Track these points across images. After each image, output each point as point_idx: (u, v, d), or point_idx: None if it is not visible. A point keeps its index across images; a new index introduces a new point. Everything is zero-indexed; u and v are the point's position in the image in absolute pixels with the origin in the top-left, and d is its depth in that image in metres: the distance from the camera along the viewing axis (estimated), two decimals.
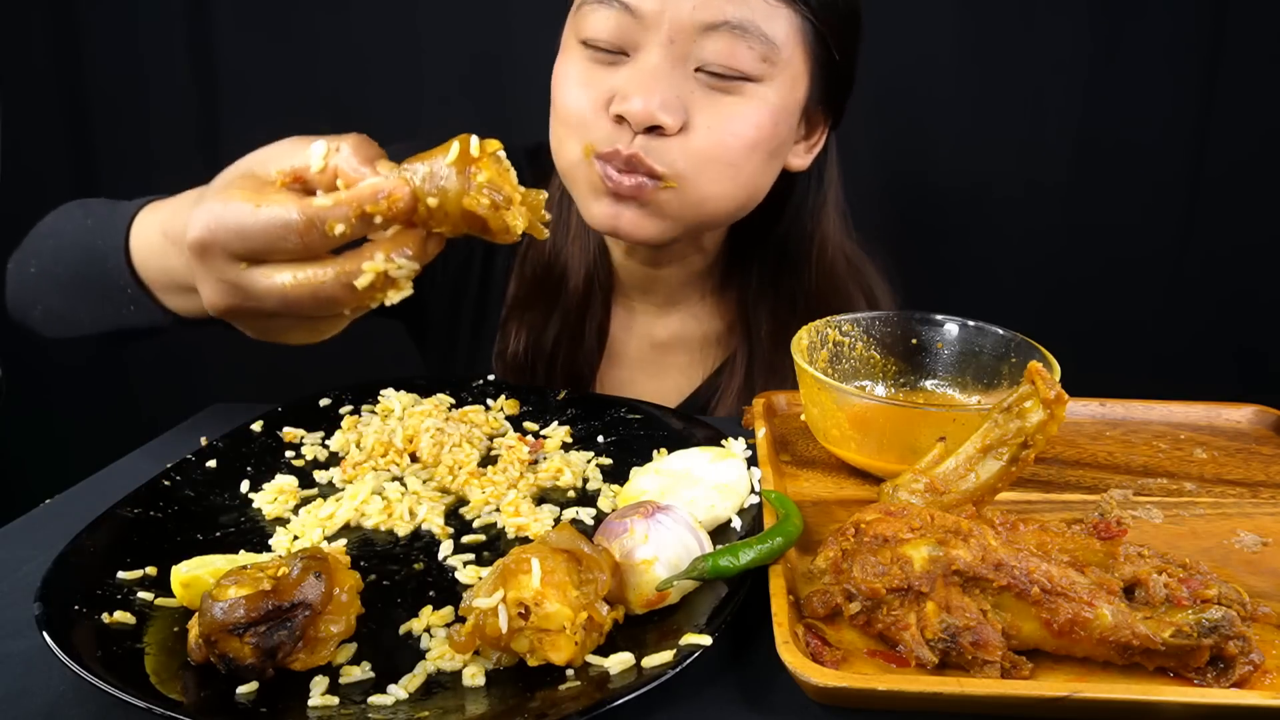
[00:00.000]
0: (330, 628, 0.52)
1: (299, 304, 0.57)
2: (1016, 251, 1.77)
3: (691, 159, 0.86)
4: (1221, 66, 1.63)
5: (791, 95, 0.90)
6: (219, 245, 0.58)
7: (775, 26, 0.85)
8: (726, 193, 0.90)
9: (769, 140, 0.89)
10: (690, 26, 0.83)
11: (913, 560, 0.53)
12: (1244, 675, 0.50)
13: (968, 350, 0.84)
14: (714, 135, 0.86)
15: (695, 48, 0.84)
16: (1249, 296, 1.74)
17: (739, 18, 0.83)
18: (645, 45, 0.84)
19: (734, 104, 0.86)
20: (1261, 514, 0.71)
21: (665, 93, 0.83)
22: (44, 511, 0.74)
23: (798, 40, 0.87)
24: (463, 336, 1.12)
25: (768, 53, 0.85)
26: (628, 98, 0.83)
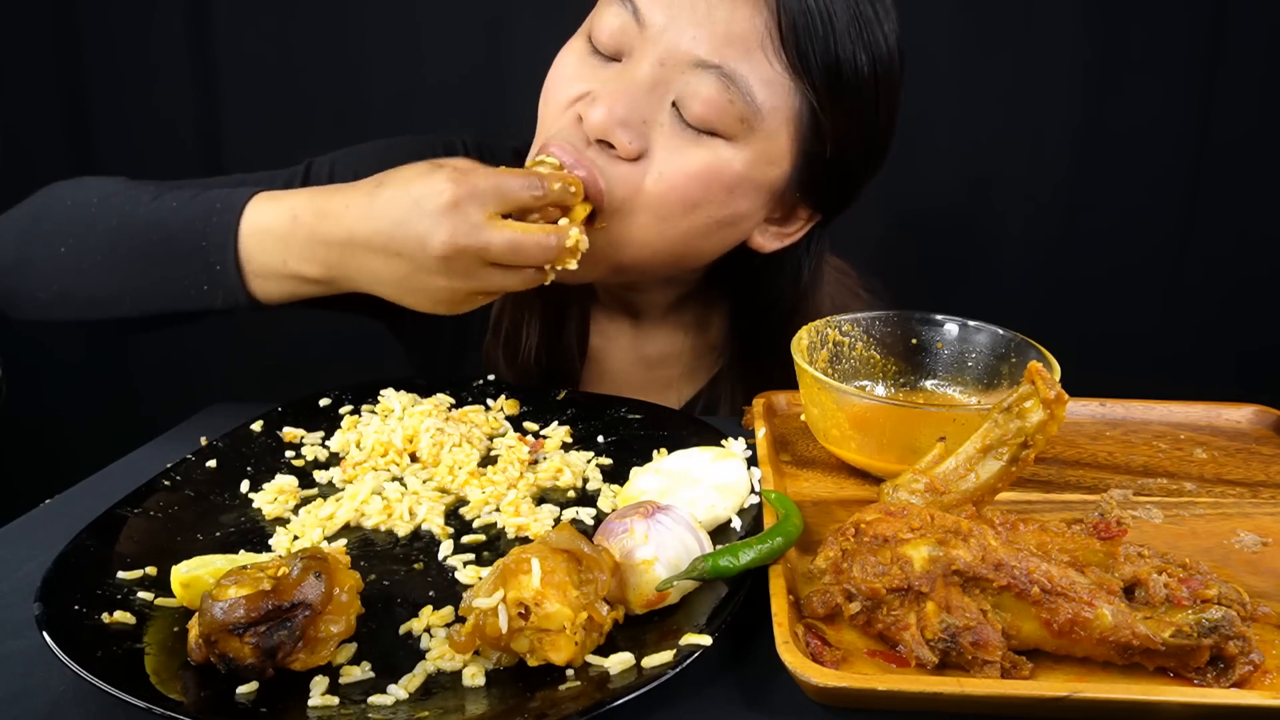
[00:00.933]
0: (330, 628, 0.52)
1: (523, 247, 0.76)
2: (1016, 251, 1.77)
3: (632, 192, 0.83)
4: (1221, 66, 1.63)
5: (762, 171, 0.85)
6: (477, 198, 0.75)
7: (769, 93, 0.81)
8: (649, 242, 0.86)
9: (718, 205, 0.85)
10: (684, 55, 0.80)
11: (913, 560, 0.53)
12: (1244, 675, 0.50)
13: (968, 350, 0.84)
14: (662, 183, 0.82)
15: (680, 79, 0.81)
16: (1249, 297, 1.74)
17: (733, 68, 0.80)
18: (637, 56, 0.82)
19: (692, 155, 0.82)
20: (1261, 514, 0.71)
21: (630, 110, 0.81)
22: (44, 511, 0.74)
23: (789, 117, 0.83)
24: (447, 337, 1.10)
25: (748, 115, 0.81)
26: (595, 102, 0.82)
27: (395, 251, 0.77)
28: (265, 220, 0.81)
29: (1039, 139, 1.69)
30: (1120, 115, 1.67)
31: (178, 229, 0.82)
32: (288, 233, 0.80)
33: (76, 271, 0.85)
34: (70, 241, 0.85)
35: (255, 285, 0.82)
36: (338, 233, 0.79)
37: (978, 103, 1.68)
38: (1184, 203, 1.71)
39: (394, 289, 0.80)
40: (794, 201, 0.91)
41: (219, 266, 0.81)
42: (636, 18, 0.82)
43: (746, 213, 0.88)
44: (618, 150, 0.82)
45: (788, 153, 0.86)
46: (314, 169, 1.02)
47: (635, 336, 1.08)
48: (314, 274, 0.81)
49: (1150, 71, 1.64)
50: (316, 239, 0.79)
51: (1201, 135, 1.67)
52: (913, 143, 1.70)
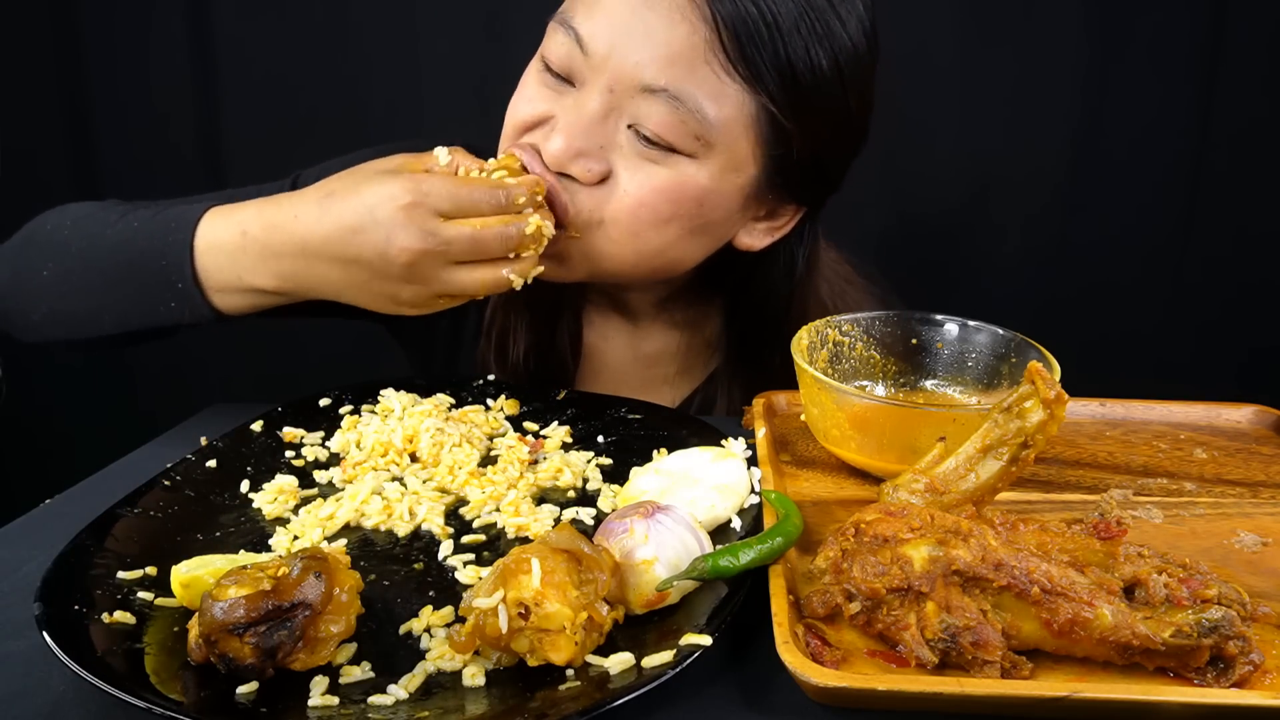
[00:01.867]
0: (330, 628, 0.52)
1: (485, 242, 0.77)
2: (1016, 251, 1.77)
3: (597, 211, 0.84)
4: (1221, 67, 1.63)
5: (728, 179, 0.84)
6: (429, 204, 0.76)
7: (719, 107, 0.80)
8: (624, 256, 0.87)
9: (689, 217, 0.85)
10: (631, 81, 0.80)
11: (913, 560, 0.53)
12: (1244, 675, 0.50)
13: (968, 350, 0.84)
14: (628, 200, 0.83)
15: (631, 104, 0.80)
16: (1250, 297, 1.74)
17: (679, 88, 0.78)
18: (588, 85, 0.82)
19: (655, 173, 0.82)
20: (1261, 514, 0.71)
21: (587, 142, 0.81)
22: (44, 511, 0.74)
23: (746, 125, 0.82)
24: (441, 338, 1.10)
25: (702, 132, 0.80)
26: (550, 135, 0.83)
27: (352, 259, 0.77)
28: (216, 236, 0.82)
29: (1039, 140, 1.69)
30: (1120, 116, 1.67)
31: (140, 249, 0.84)
32: (238, 248, 0.81)
33: (59, 294, 0.88)
34: (51, 265, 0.88)
35: (217, 299, 0.84)
36: (289, 244, 0.79)
37: (978, 104, 1.68)
38: (1184, 203, 1.71)
39: (355, 295, 0.81)
40: (775, 198, 0.91)
41: (180, 284, 0.82)
42: (580, 46, 0.81)
43: (721, 219, 0.89)
44: (579, 180, 0.83)
45: (751, 158, 0.85)
46: (301, 181, 1.02)
47: (630, 335, 1.08)
48: (271, 286, 0.82)
49: (1151, 72, 1.64)
50: (269, 252, 0.80)
51: (1202, 135, 1.67)
52: (913, 144, 1.71)
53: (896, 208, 1.74)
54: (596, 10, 0.81)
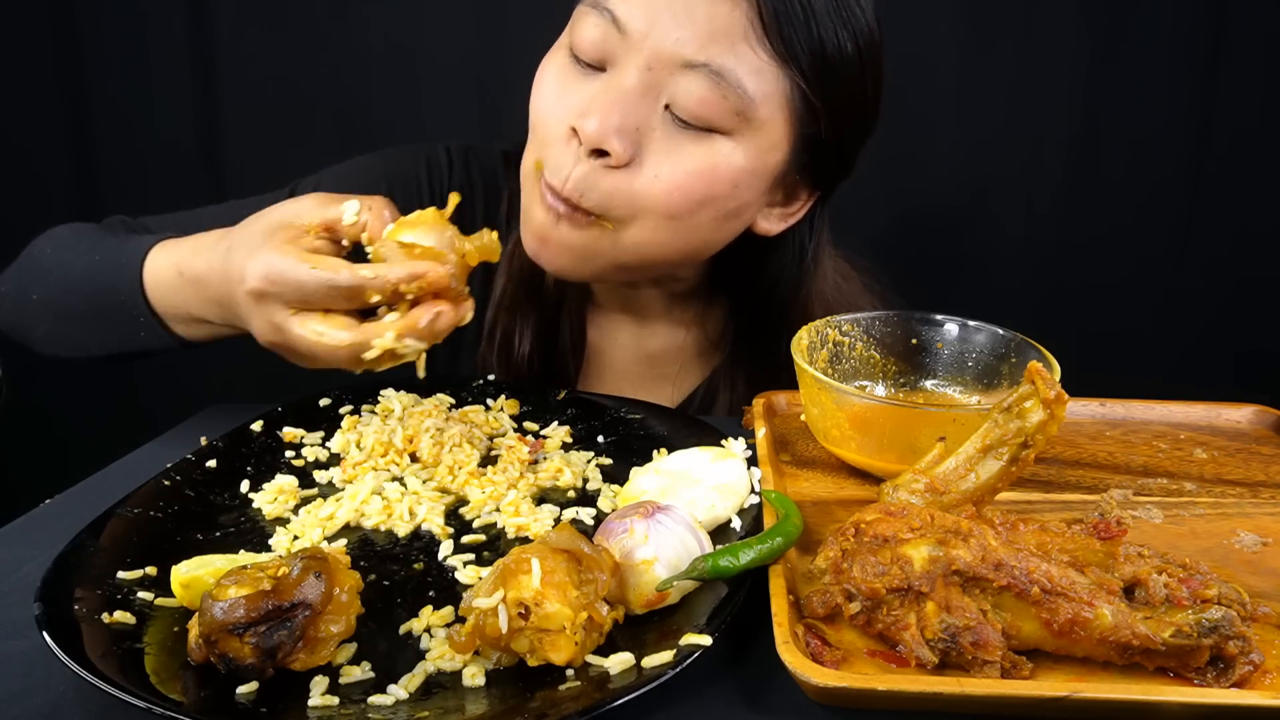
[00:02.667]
0: (330, 628, 0.52)
1: (316, 352, 0.70)
2: (1016, 251, 1.77)
3: (631, 201, 0.82)
4: (1221, 67, 1.63)
5: (762, 159, 0.85)
6: (275, 295, 0.70)
7: (759, 83, 0.80)
8: (662, 243, 0.86)
9: (724, 200, 0.85)
10: (670, 58, 0.79)
11: (913, 560, 0.53)
12: (1244, 675, 0.50)
13: (968, 350, 0.84)
14: (660, 185, 0.82)
15: (671, 81, 0.80)
16: (1250, 297, 1.74)
17: (720, 63, 0.78)
18: (623, 64, 0.81)
19: (693, 154, 0.82)
20: (1261, 514, 0.71)
21: (624, 118, 0.80)
22: (44, 511, 0.74)
23: (781, 103, 0.82)
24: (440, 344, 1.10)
25: (743, 107, 0.80)
26: (587, 114, 0.80)
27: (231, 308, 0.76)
28: (159, 274, 0.83)
29: (1039, 139, 1.69)
30: (1120, 114, 1.67)
31: (101, 283, 0.86)
32: (177, 285, 0.82)
33: (50, 318, 0.91)
34: (38, 291, 0.92)
35: (177, 329, 0.85)
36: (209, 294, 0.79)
37: (978, 103, 1.68)
38: (1183, 203, 1.71)
39: None
40: (794, 182, 0.91)
41: (141, 318, 0.84)
42: (617, 26, 0.80)
43: (750, 201, 0.89)
44: (612, 159, 0.81)
45: (785, 137, 0.85)
46: (298, 190, 1.02)
47: (635, 334, 1.08)
48: (216, 319, 0.81)
49: (1150, 73, 1.64)
50: (201, 292, 0.80)
51: (1201, 134, 1.67)
52: (913, 143, 1.71)
53: (897, 207, 1.74)
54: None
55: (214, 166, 1.77)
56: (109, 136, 1.78)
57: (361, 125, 1.72)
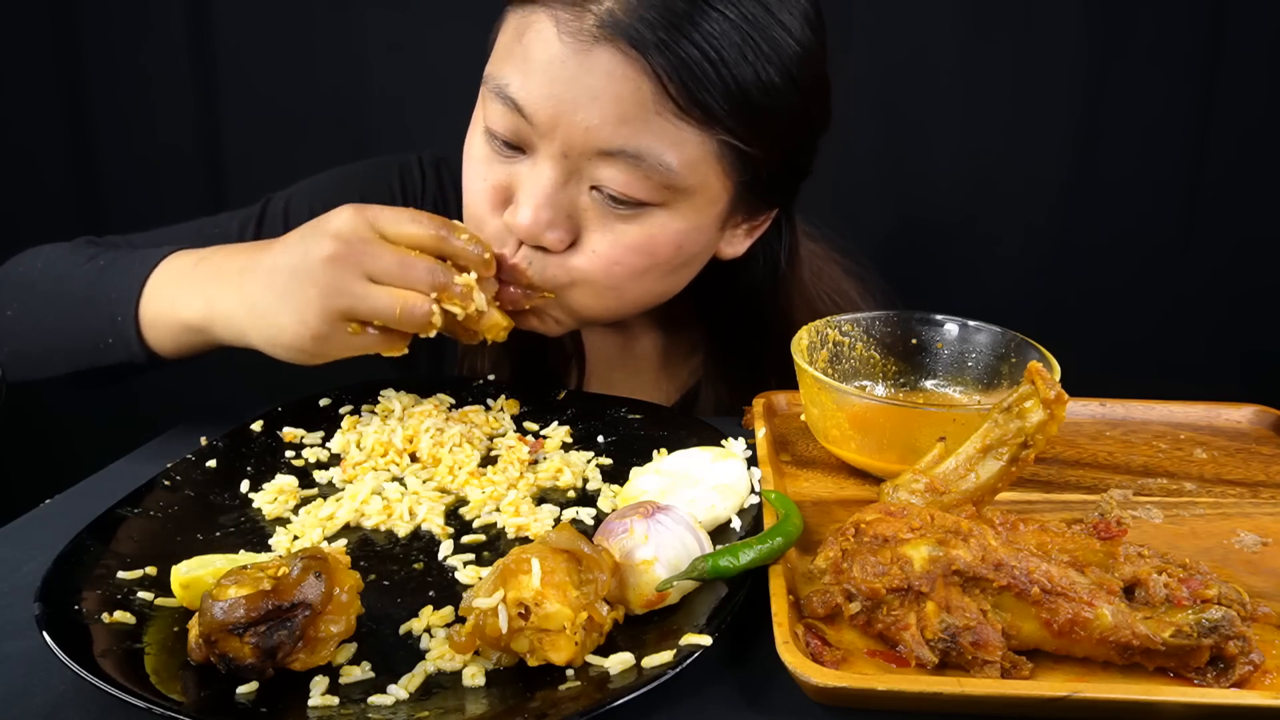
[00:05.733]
0: (330, 628, 0.52)
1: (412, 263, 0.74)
2: (1016, 252, 1.77)
3: (572, 276, 0.82)
4: (1221, 68, 1.63)
5: (704, 214, 0.82)
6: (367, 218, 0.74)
7: (682, 153, 0.76)
8: (610, 307, 0.86)
9: (669, 261, 0.84)
10: (583, 146, 0.76)
11: (913, 560, 0.53)
12: (1244, 675, 0.50)
13: (968, 350, 0.84)
14: (599, 260, 0.81)
15: (591, 167, 0.77)
16: (1251, 297, 1.74)
17: (635, 147, 0.75)
18: (540, 151, 0.78)
19: (628, 231, 0.80)
20: (1261, 514, 0.71)
21: (553, 211, 0.78)
22: (44, 511, 0.74)
23: (712, 162, 0.79)
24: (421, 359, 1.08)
25: (669, 181, 0.77)
26: (516, 209, 0.80)
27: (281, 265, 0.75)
28: (173, 265, 0.83)
29: (1040, 141, 1.69)
30: (1121, 115, 1.66)
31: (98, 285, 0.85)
32: (185, 274, 0.82)
33: (20, 333, 0.89)
34: (15, 305, 0.90)
35: (147, 334, 0.83)
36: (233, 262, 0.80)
37: (979, 104, 1.68)
38: (1184, 204, 1.71)
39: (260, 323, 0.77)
40: (750, 207, 0.88)
41: (120, 318, 0.82)
42: (521, 113, 0.77)
43: (702, 249, 0.87)
44: (551, 249, 0.81)
45: (723, 189, 0.82)
46: (270, 206, 1.02)
47: (618, 341, 1.07)
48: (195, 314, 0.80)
49: (1151, 74, 1.64)
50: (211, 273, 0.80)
51: (1202, 135, 1.66)
52: (914, 145, 1.71)
53: (897, 209, 1.74)
54: (531, 73, 0.76)
55: (214, 169, 1.77)
56: (109, 139, 1.78)
57: (362, 128, 1.72)
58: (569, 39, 0.74)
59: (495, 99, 0.79)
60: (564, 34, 0.74)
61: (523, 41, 0.77)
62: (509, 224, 0.81)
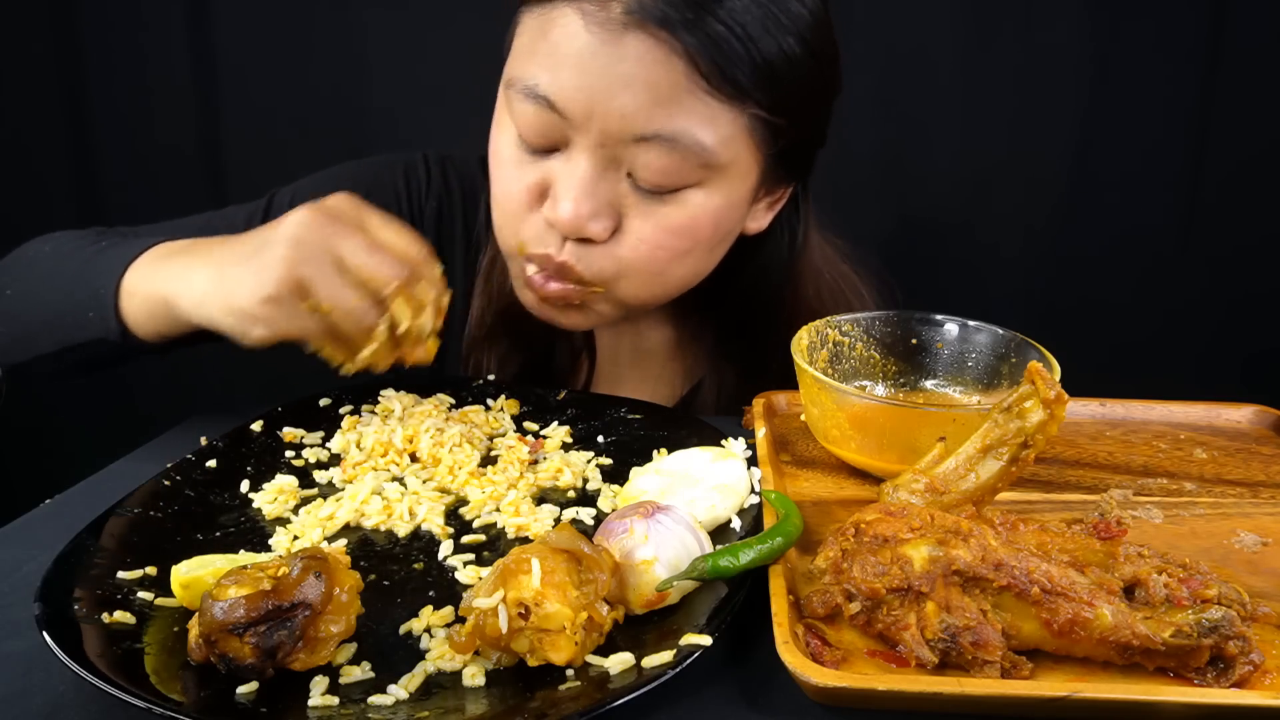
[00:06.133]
0: (330, 628, 0.52)
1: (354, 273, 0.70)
2: (1017, 252, 1.77)
3: (620, 266, 0.83)
4: (1221, 70, 1.63)
5: (737, 190, 0.84)
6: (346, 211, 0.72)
7: (715, 131, 0.78)
8: (656, 293, 0.89)
9: (708, 241, 0.85)
10: (619, 134, 0.77)
11: (913, 560, 0.53)
12: (1244, 675, 0.50)
13: (968, 350, 0.84)
14: (645, 247, 0.82)
15: (627, 154, 0.78)
16: (1252, 297, 1.74)
17: (671, 130, 0.76)
18: (575, 146, 0.79)
19: (668, 214, 0.81)
20: (1261, 514, 0.71)
21: (594, 202, 0.79)
22: (44, 511, 0.74)
23: (744, 139, 0.80)
24: None
25: (706, 160, 0.79)
26: (557, 203, 0.80)
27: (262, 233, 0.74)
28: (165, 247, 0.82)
29: (1041, 140, 1.69)
30: (1122, 115, 1.66)
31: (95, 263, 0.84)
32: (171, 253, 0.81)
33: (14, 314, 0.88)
34: (15, 285, 0.90)
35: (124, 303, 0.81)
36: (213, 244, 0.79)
37: (978, 104, 1.68)
38: (1185, 204, 1.71)
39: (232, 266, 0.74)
40: (773, 181, 0.90)
41: (103, 290, 0.81)
42: (554, 109, 0.77)
43: (735, 224, 0.89)
44: (595, 240, 0.82)
45: (754, 162, 0.84)
46: (276, 200, 1.02)
47: (630, 335, 1.08)
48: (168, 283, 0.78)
49: (1150, 75, 1.64)
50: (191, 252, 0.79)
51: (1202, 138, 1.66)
52: (914, 144, 1.71)
53: (897, 210, 1.74)
54: (560, 69, 0.77)
55: (214, 170, 1.77)
56: (109, 139, 1.78)
57: (362, 128, 1.72)
58: (597, 29, 0.75)
59: (524, 100, 0.79)
60: (591, 25, 0.75)
61: (548, 39, 0.77)
62: (550, 220, 0.81)
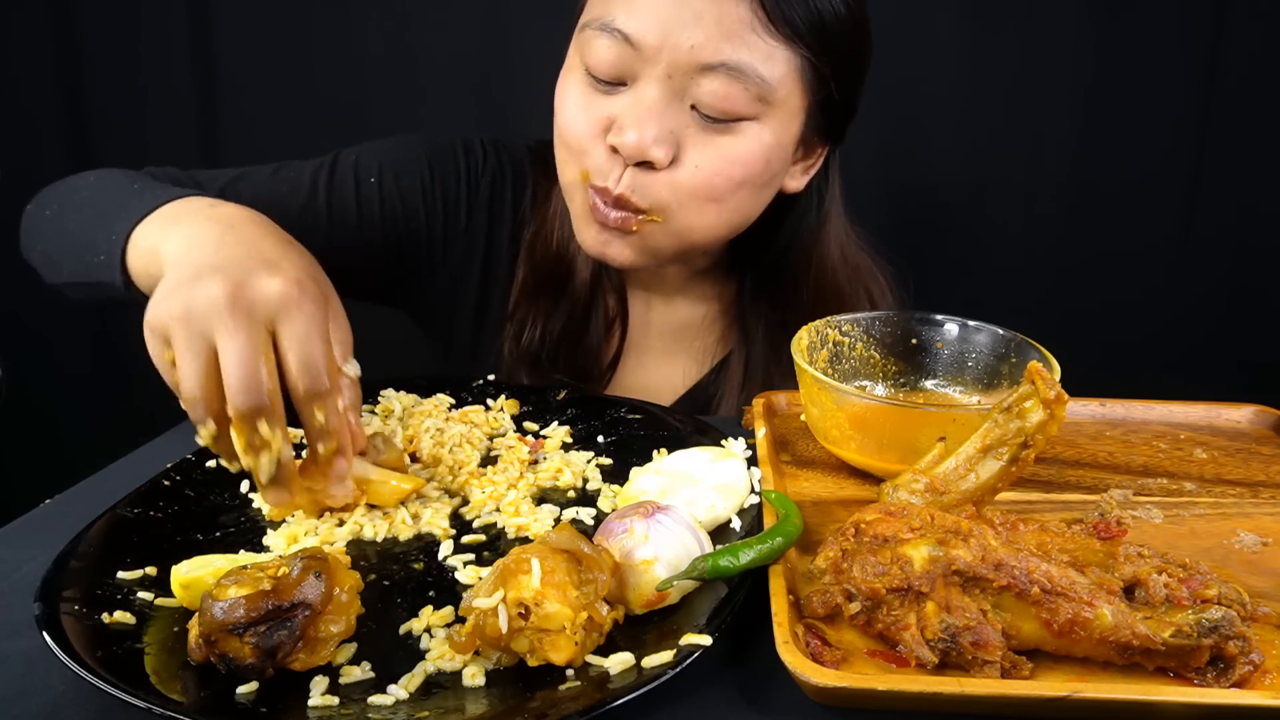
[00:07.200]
0: (330, 628, 0.52)
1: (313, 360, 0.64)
2: (1017, 251, 1.77)
3: (677, 194, 0.89)
4: (1220, 71, 1.63)
5: (786, 131, 0.91)
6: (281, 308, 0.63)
7: (773, 67, 0.85)
8: (710, 225, 0.93)
9: (759, 176, 0.91)
10: (687, 64, 0.84)
11: (913, 560, 0.53)
12: (1244, 675, 0.50)
13: (968, 350, 0.84)
14: (702, 174, 0.88)
15: (692, 84, 0.85)
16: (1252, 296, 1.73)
17: (736, 60, 0.84)
18: (643, 77, 0.86)
19: (726, 143, 0.88)
20: (1261, 514, 0.71)
21: (659, 127, 0.85)
22: (44, 511, 0.74)
23: (795, 79, 0.88)
24: (463, 325, 1.12)
25: (763, 93, 0.86)
26: (623, 130, 0.86)
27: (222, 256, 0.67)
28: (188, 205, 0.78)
29: (1039, 142, 1.69)
30: (1122, 113, 1.66)
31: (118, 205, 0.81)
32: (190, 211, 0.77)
33: (48, 234, 0.92)
34: (56, 207, 0.92)
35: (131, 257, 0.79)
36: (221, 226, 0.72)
37: (978, 106, 1.68)
38: (1185, 205, 1.71)
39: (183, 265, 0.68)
40: (811, 139, 0.96)
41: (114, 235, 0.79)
42: (630, 43, 0.85)
43: (780, 169, 0.95)
44: (656, 165, 0.87)
45: (801, 107, 0.91)
46: (341, 158, 1.06)
47: (661, 310, 1.11)
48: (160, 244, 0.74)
49: (1150, 76, 1.64)
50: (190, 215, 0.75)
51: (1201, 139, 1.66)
52: (914, 143, 1.71)
53: (896, 210, 1.74)
54: (637, 5, 0.84)
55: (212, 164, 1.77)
56: (109, 138, 1.78)
57: (362, 126, 1.72)
58: None
59: (600, 35, 0.86)
60: None
61: None
62: (616, 143, 0.86)
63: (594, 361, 1.08)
